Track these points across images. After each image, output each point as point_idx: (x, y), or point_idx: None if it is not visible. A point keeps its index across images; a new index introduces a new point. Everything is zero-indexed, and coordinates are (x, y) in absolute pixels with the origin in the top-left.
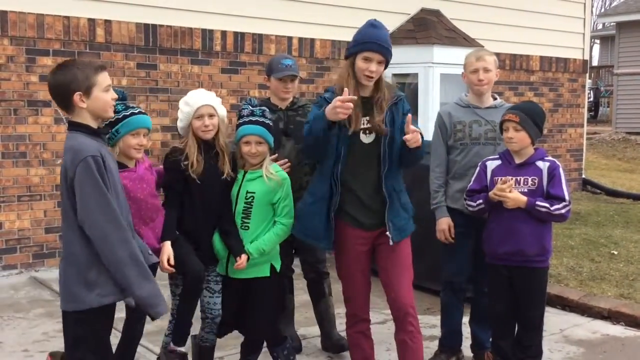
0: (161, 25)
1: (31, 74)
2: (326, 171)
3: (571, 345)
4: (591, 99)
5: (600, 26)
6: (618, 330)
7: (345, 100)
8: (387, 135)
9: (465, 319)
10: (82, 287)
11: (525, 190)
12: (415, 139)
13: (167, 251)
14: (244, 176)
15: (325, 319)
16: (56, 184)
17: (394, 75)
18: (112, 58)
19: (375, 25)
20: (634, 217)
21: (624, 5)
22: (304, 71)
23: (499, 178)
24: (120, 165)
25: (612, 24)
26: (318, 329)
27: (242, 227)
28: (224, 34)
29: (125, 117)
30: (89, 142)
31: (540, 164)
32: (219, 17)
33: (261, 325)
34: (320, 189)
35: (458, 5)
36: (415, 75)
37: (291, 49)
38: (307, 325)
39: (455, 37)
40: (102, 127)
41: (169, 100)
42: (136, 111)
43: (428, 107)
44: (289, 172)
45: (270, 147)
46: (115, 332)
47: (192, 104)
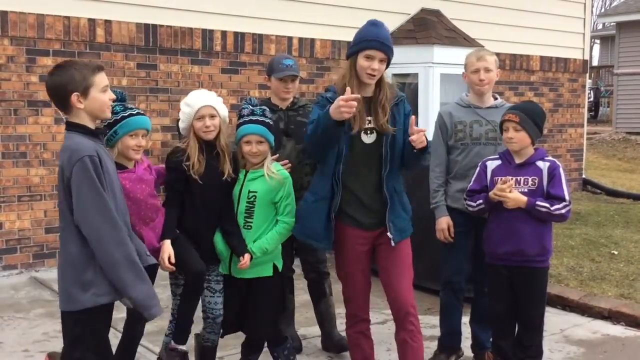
0: (161, 26)
1: (31, 74)
2: (328, 171)
3: (571, 345)
4: (591, 99)
5: (600, 26)
6: (618, 330)
7: (349, 99)
8: (390, 135)
9: (466, 319)
10: (77, 287)
11: (526, 190)
12: (420, 139)
13: (167, 249)
14: (245, 176)
15: (326, 319)
16: (56, 184)
17: (394, 75)
18: (112, 58)
19: (376, 24)
20: (634, 217)
21: (624, 5)
22: (304, 71)
23: (499, 178)
24: (119, 166)
25: (612, 24)
26: (318, 329)
27: (245, 226)
28: (224, 34)
29: (123, 118)
30: (86, 142)
31: (540, 164)
32: (219, 17)
33: (263, 325)
34: (322, 189)
35: (458, 5)
36: (416, 75)
37: (291, 49)
38: (307, 325)
39: (455, 37)
40: (100, 127)
41: (169, 100)
42: (134, 112)
43: (428, 107)
44: (290, 172)
45: (271, 146)
46: (115, 332)
47: (192, 104)
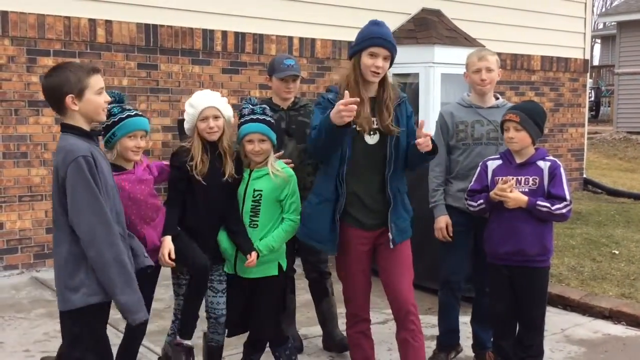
0: (162, 26)
1: (32, 74)
2: (331, 172)
3: (572, 345)
4: (592, 99)
5: (601, 26)
6: (619, 330)
7: (349, 103)
8: (395, 135)
9: (467, 319)
10: (69, 286)
11: (526, 190)
12: (426, 143)
13: (167, 245)
14: (250, 175)
15: (328, 319)
16: None
17: (395, 75)
18: (113, 58)
19: (379, 24)
20: (635, 217)
21: (625, 5)
22: (305, 71)
23: (500, 178)
24: (118, 168)
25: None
26: (319, 329)
27: (251, 225)
28: (224, 34)
29: (121, 120)
30: (81, 143)
31: (541, 163)
32: (220, 17)
33: (267, 325)
34: (326, 190)
35: (459, 5)
36: (416, 75)
37: (292, 49)
38: (308, 325)
39: (456, 36)
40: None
41: (170, 100)
42: (132, 113)
43: (429, 107)
44: None
45: (274, 144)
46: (117, 332)
47: (196, 105)
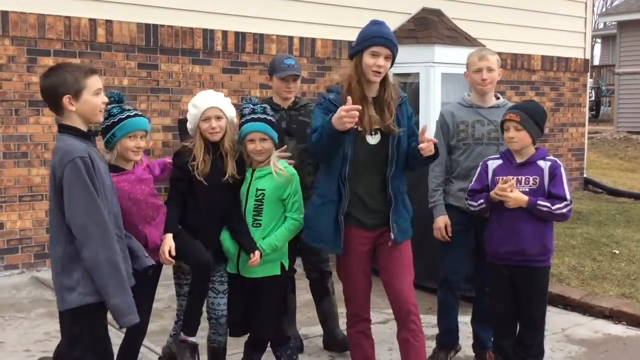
0: (162, 25)
1: (32, 74)
2: (334, 172)
3: (573, 345)
4: (592, 98)
5: (601, 25)
6: (620, 330)
7: (350, 109)
8: (396, 135)
9: (467, 319)
10: (66, 286)
11: (527, 189)
12: (429, 148)
13: (168, 242)
14: (252, 174)
15: (329, 318)
16: None
17: (395, 74)
18: (113, 58)
19: (379, 23)
20: (636, 217)
21: (625, 5)
22: (305, 71)
23: (500, 177)
24: (118, 168)
25: (613, 23)
26: (320, 329)
27: (254, 224)
28: (224, 33)
29: (121, 120)
30: (78, 143)
31: (541, 163)
32: (220, 17)
33: (269, 325)
34: (328, 191)
35: (459, 5)
36: (417, 74)
37: (292, 48)
38: (309, 325)
39: (456, 36)
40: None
41: (170, 100)
42: (132, 114)
43: (429, 107)
44: None
45: (275, 143)
46: (118, 332)
47: (199, 105)
